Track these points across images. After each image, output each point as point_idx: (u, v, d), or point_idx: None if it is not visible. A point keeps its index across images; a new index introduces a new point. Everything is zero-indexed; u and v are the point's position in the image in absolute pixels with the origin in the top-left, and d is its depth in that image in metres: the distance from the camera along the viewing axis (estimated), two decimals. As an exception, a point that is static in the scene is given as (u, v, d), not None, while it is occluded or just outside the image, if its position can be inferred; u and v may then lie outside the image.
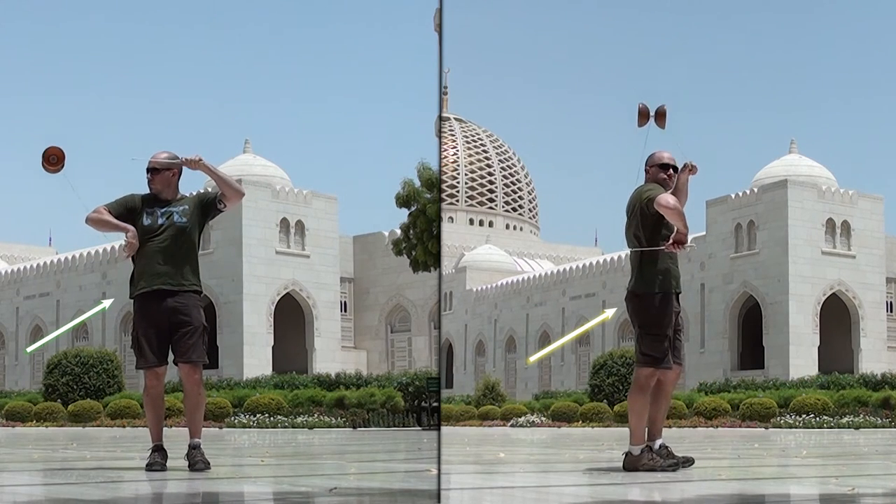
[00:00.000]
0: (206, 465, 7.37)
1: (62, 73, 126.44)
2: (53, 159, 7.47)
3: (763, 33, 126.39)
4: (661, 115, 7.71)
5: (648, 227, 7.71)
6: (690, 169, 8.05)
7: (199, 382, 7.66)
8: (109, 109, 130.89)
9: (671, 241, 7.69)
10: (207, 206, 7.75)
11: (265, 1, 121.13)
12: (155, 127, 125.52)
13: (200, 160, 7.56)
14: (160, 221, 7.60)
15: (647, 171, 7.98)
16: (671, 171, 7.94)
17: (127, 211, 7.65)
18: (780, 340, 58.12)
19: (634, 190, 7.90)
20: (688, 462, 7.78)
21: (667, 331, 7.67)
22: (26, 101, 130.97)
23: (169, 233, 7.58)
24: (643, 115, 7.68)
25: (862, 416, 32.92)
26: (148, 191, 7.75)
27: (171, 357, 7.66)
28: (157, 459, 7.51)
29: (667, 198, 7.58)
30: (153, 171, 7.67)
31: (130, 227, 7.53)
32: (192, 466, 7.36)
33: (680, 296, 7.90)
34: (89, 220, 7.61)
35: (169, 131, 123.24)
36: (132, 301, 7.65)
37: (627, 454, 7.62)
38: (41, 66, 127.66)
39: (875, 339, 61.06)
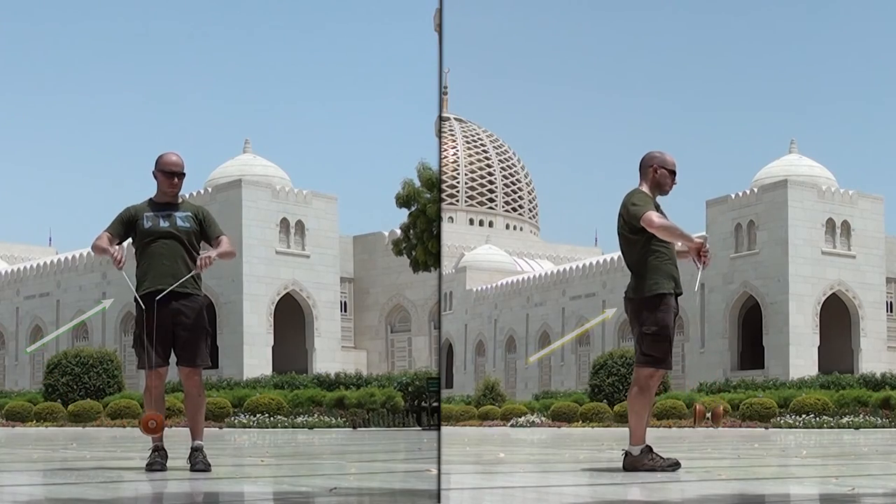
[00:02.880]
0: (207, 467, 7.37)
1: (63, 72, 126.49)
2: (153, 424, 7.47)
3: (763, 33, 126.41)
4: (716, 417, 7.78)
5: (641, 232, 7.72)
6: (703, 255, 7.86)
7: (199, 385, 7.71)
8: (110, 109, 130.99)
9: (696, 256, 7.74)
10: (205, 235, 7.78)
11: (265, 1, 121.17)
12: (155, 126, 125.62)
13: (208, 258, 7.61)
14: (163, 224, 7.62)
15: (654, 170, 7.85)
16: (675, 177, 7.93)
17: (125, 227, 7.71)
18: (780, 340, 58.12)
19: (626, 195, 7.85)
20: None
21: (667, 331, 7.69)
22: (27, 101, 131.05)
23: (172, 235, 7.60)
24: (700, 416, 7.73)
25: (862, 416, 32.92)
26: (154, 193, 7.77)
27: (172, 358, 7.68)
28: (157, 459, 7.52)
29: (651, 217, 7.56)
30: (179, 175, 7.69)
31: (115, 248, 7.61)
32: (194, 468, 7.37)
33: (680, 297, 7.90)
34: (94, 249, 7.85)
35: (169, 131, 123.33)
36: (134, 301, 7.66)
37: (627, 454, 7.62)
38: (42, 65, 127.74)
39: (875, 339, 61.06)
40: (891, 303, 63.92)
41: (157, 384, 7.63)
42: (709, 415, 7.17)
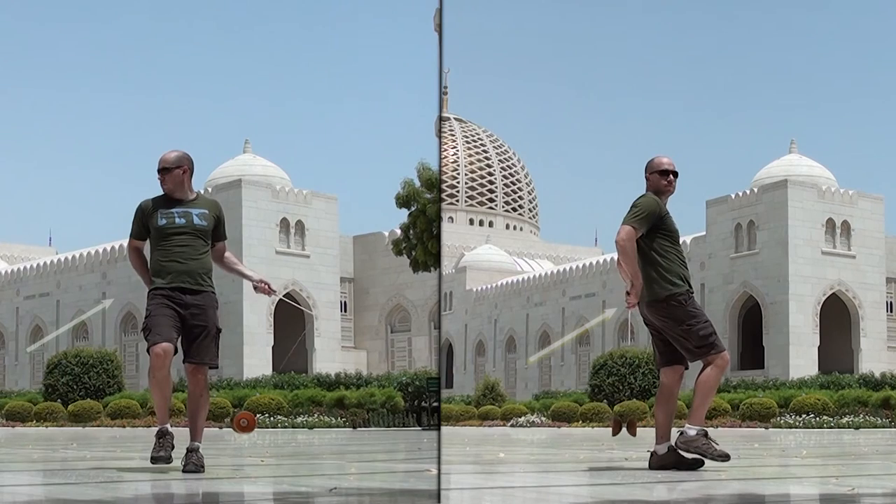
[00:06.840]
0: (199, 468, 7.15)
1: (63, 72, 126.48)
2: (244, 423, 7.89)
3: (763, 33, 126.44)
4: (632, 425, 8.00)
5: (644, 236, 7.74)
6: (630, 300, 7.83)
7: (203, 383, 7.51)
8: (110, 109, 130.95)
9: (627, 294, 7.81)
10: (215, 234, 7.73)
11: (266, 1, 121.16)
12: (155, 126, 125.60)
13: (268, 289, 7.95)
14: (178, 220, 7.51)
15: (647, 179, 7.93)
16: (671, 176, 7.91)
17: (143, 226, 7.65)
18: (780, 340, 58.13)
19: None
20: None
21: (705, 317, 7.84)
22: (27, 101, 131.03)
23: (188, 232, 7.51)
24: (617, 425, 8.02)
25: (862, 416, 32.93)
26: (161, 192, 7.72)
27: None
28: (164, 446, 7.34)
29: (622, 231, 7.58)
30: (164, 170, 7.64)
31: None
32: (185, 468, 7.15)
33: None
34: (132, 263, 7.93)
35: (169, 131, 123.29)
36: (148, 294, 7.55)
37: (682, 433, 7.59)
38: (41, 65, 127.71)
39: (875, 339, 61.08)
40: (891, 303, 63.94)
41: (161, 364, 7.27)
42: (625, 426, 7.36)
